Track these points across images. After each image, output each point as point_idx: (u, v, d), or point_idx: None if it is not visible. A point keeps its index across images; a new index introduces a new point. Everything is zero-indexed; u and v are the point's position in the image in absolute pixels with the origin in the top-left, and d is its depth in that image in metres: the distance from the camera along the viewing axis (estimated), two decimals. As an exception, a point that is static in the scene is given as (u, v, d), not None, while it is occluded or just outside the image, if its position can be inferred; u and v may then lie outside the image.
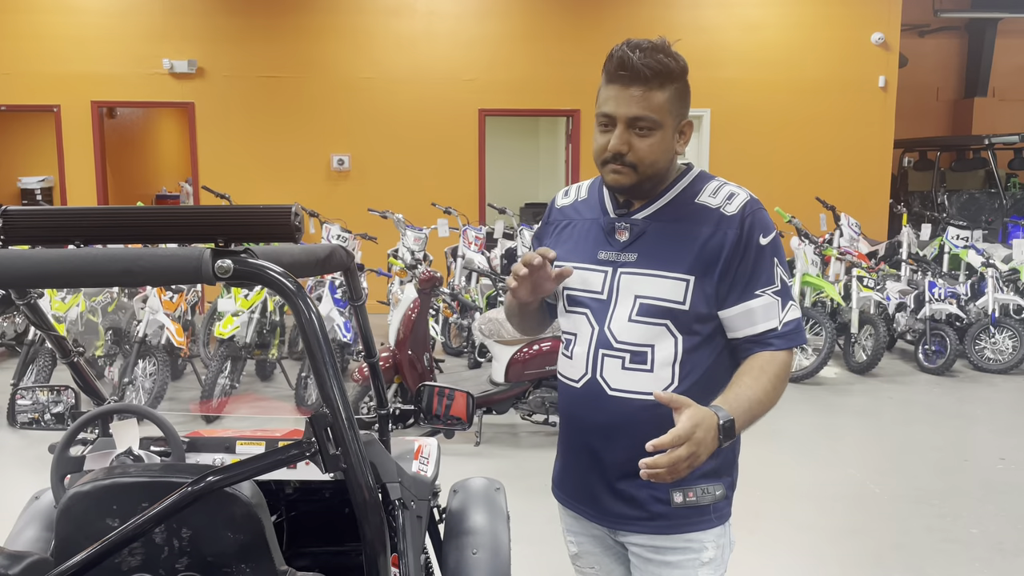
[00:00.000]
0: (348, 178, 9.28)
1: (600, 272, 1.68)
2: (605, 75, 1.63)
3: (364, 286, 5.93)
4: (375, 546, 1.33)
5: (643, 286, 1.63)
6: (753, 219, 1.62)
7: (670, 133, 1.63)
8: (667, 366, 1.63)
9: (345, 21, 9.08)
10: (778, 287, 1.64)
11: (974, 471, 4.77)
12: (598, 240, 1.71)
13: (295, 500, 2.20)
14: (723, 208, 1.63)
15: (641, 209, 1.68)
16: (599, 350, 1.67)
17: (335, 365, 1.25)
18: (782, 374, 1.63)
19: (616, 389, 1.65)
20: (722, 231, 1.61)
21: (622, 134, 1.60)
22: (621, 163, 1.61)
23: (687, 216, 1.65)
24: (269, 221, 1.23)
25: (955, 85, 13.31)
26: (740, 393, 1.55)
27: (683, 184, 1.69)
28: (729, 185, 1.67)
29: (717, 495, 1.67)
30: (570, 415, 1.77)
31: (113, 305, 6.14)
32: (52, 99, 8.84)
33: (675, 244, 1.63)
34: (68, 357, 2.03)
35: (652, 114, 1.58)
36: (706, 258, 1.61)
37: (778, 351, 1.62)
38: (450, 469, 2.79)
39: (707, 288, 1.61)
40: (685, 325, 1.62)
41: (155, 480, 1.45)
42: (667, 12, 9.34)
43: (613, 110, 1.61)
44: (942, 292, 6.93)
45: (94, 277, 1.19)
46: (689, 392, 1.55)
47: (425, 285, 5.02)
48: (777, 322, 1.63)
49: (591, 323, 1.69)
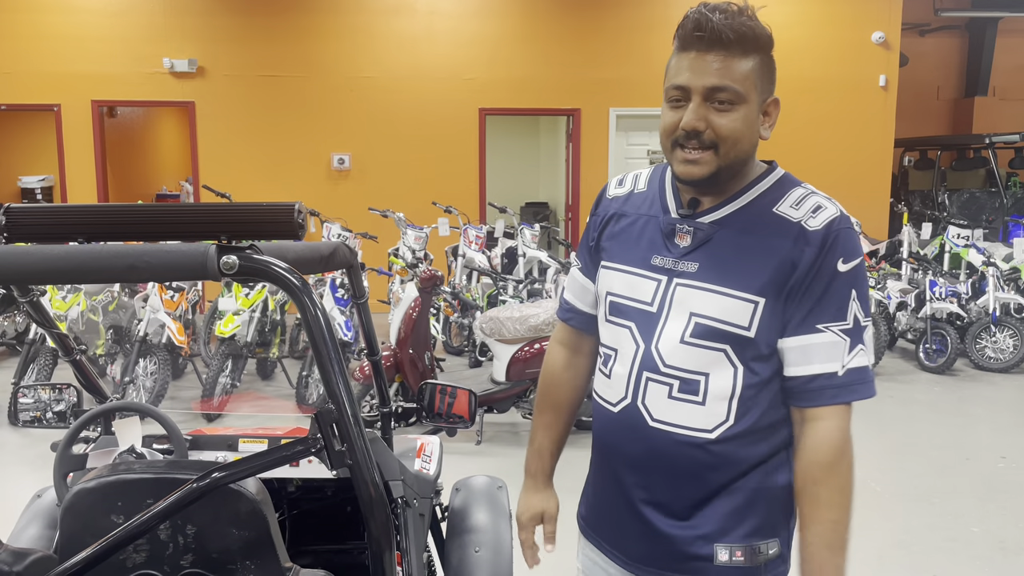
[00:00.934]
0: (349, 177, 9.28)
1: (652, 280, 1.44)
2: (678, 41, 1.39)
3: (365, 285, 5.92)
4: (381, 543, 1.33)
5: (702, 303, 1.38)
6: (837, 239, 1.35)
7: (755, 111, 1.37)
8: (722, 400, 1.39)
9: (346, 20, 9.07)
10: (849, 325, 1.35)
11: (975, 470, 4.77)
12: (654, 242, 1.46)
13: (297, 498, 2.20)
14: (805, 221, 1.36)
15: (710, 211, 1.42)
16: (643, 372, 1.43)
17: (341, 361, 1.25)
18: (841, 455, 1.35)
19: (658, 420, 1.42)
20: (799, 248, 1.35)
21: (698, 108, 1.34)
22: (697, 144, 1.35)
23: (762, 226, 1.38)
24: (272, 218, 1.23)
25: (956, 84, 13.30)
26: (808, 548, 1.36)
27: (762, 187, 1.42)
28: (817, 195, 1.40)
29: (771, 554, 1.43)
30: (603, 442, 1.56)
31: (114, 304, 6.14)
32: (52, 98, 8.83)
33: (745, 257, 1.37)
34: (71, 355, 2.03)
35: (734, 84, 1.33)
36: (780, 279, 1.36)
37: (829, 407, 1.35)
38: (451, 467, 2.79)
39: (778, 314, 1.37)
40: (747, 355, 1.38)
41: (160, 477, 1.45)
42: (667, 11, 9.33)
43: (687, 80, 1.35)
44: (943, 291, 6.93)
45: (99, 273, 1.19)
46: (745, 435, 1.39)
47: (426, 284, 5.02)
48: (839, 366, 1.35)
49: (635, 339, 1.45)
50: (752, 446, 1.40)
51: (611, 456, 1.53)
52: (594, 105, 9.49)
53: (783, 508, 1.45)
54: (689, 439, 1.40)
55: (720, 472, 1.41)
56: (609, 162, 9.66)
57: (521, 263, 7.71)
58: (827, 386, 1.35)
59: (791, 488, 1.42)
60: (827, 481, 1.35)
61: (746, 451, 1.40)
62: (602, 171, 9.65)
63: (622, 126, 9.67)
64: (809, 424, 1.38)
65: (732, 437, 1.39)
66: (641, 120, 9.63)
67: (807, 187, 1.43)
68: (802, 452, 1.38)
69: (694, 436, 1.40)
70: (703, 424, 1.39)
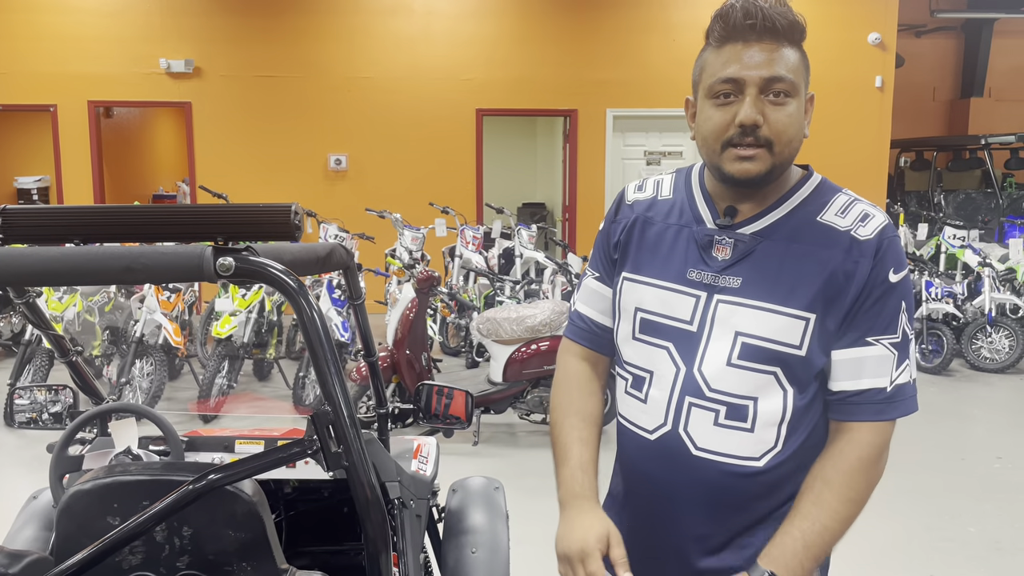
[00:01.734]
0: (345, 178, 9.27)
1: (690, 296, 1.34)
2: (720, 33, 1.28)
3: (362, 286, 5.93)
4: (377, 544, 1.33)
5: (748, 321, 1.29)
6: (888, 249, 1.28)
7: (803, 106, 1.29)
8: (772, 426, 1.30)
9: (343, 21, 9.07)
10: (898, 338, 1.29)
11: (971, 470, 4.78)
12: (688, 254, 1.35)
13: (294, 500, 2.20)
14: (855, 231, 1.28)
15: (749, 221, 1.33)
16: (685, 397, 1.33)
17: (337, 363, 1.24)
18: (864, 470, 1.29)
19: (703, 449, 1.32)
20: (853, 260, 1.27)
21: (755, 101, 1.24)
22: (754, 141, 1.25)
23: (808, 236, 1.30)
24: (269, 219, 1.23)
25: (951, 85, 13.34)
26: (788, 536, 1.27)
27: (803, 194, 1.33)
28: (861, 202, 1.32)
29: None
30: (634, 472, 1.43)
31: (110, 305, 6.13)
32: (49, 99, 8.82)
33: (793, 271, 1.28)
34: (67, 356, 2.02)
35: (790, 74, 1.25)
36: (831, 292, 1.27)
37: (870, 424, 1.29)
38: (448, 468, 2.79)
39: (829, 330, 1.28)
40: (797, 375, 1.29)
41: (156, 478, 1.45)
42: (664, 12, 9.35)
43: (738, 72, 1.24)
44: (939, 291, 6.95)
45: (95, 274, 1.19)
46: (790, 460, 1.31)
47: (423, 285, 5.02)
48: (887, 381, 1.28)
49: (675, 361, 1.35)
50: (797, 471, 1.32)
51: (643, 487, 1.41)
52: (591, 106, 9.50)
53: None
54: (737, 468, 1.31)
55: (765, 501, 1.33)
56: (606, 163, 9.67)
57: (518, 264, 7.72)
58: (874, 401, 1.29)
59: None
60: (838, 488, 1.28)
61: (791, 476, 1.33)
62: (599, 172, 9.66)
63: (619, 127, 9.68)
64: (844, 434, 1.31)
65: (779, 464, 1.32)
66: (638, 121, 9.63)
67: (849, 193, 1.35)
68: (826, 452, 1.32)
69: (743, 465, 1.31)
70: (751, 452, 1.30)
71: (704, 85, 1.30)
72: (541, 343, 4.92)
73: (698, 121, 1.33)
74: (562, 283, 6.80)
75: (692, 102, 1.37)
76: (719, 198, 1.37)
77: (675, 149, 9.79)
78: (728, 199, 1.35)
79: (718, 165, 1.31)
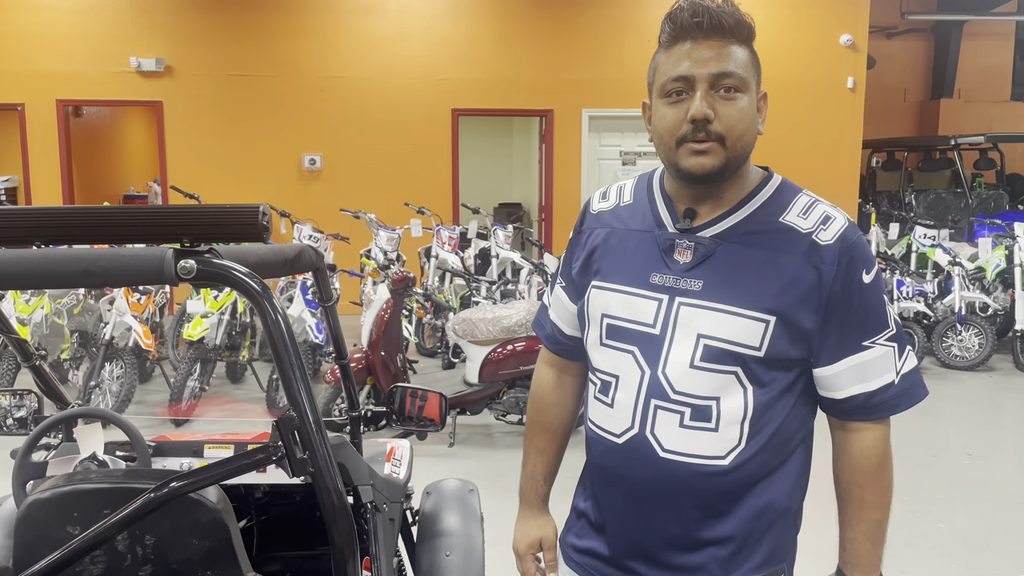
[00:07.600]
0: (320, 178, 9.21)
1: (652, 300, 1.35)
2: (669, 34, 1.32)
3: (336, 287, 5.90)
4: (344, 551, 1.31)
5: (709, 323, 1.31)
6: (853, 252, 1.30)
7: (754, 102, 1.33)
8: (734, 424, 1.33)
9: (316, 20, 9.01)
10: (892, 331, 1.33)
11: (942, 467, 4.84)
12: (651, 258, 1.37)
13: (265, 504, 2.17)
14: (816, 235, 1.30)
15: (710, 224, 1.35)
16: (651, 400, 1.35)
17: (303, 368, 1.23)
18: (886, 461, 1.37)
19: (669, 450, 1.34)
20: (814, 265, 1.29)
21: (706, 96, 1.28)
22: (705, 135, 1.28)
23: (769, 238, 1.32)
24: (236, 220, 1.20)
25: (922, 86, 13.52)
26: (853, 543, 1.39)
27: (764, 196, 1.36)
28: (822, 203, 1.35)
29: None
30: (604, 475, 1.45)
31: (79, 307, 6.03)
32: (16, 97, 8.67)
33: (754, 273, 1.30)
34: (30, 360, 1.98)
35: (739, 70, 1.29)
36: (794, 297, 1.29)
37: (877, 423, 1.35)
38: (423, 470, 2.78)
39: (792, 332, 1.30)
40: (756, 374, 1.32)
41: (117, 486, 1.42)
42: (639, 11, 9.38)
43: (689, 70, 1.28)
44: (910, 290, 7.04)
45: (52, 278, 1.16)
46: (755, 457, 1.34)
47: (398, 285, 4.99)
48: (894, 374, 1.33)
49: (639, 365, 1.36)
50: (763, 467, 1.35)
51: (614, 490, 1.43)
52: (567, 106, 9.51)
53: (793, 525, 1.45)
54: (704, 468, 1.33)
55: (733, 499, 1.36)
56: (582, 163, 9.68)
57: (494, 264, 7.70)
58: (886, 398, 1.34)
59: (800, 505, 1.44)
60: (873, 487, 1.36)
61: (759, 473, 1.36)
62: (575, 172, 9.67)
63: (595, 127, 9.70)
64: (854, 434, 1.37)
65: (745, 461, 1.34)
66: (614, 121, 9.66)
67: (810, 194, 1.38)
68: (847, 459, 1.38)
69: (709, 465, 1.33)
70: (717, 451, 1.33)
71: (657, 85, 1.34)
72: (517, 344, 4.92)
73: (653, 121, 1.36)
74: (538, 283, 6.80)
75: (648, 105, 1.39)
76: (679, 200, 1.39)
77: (650, 149, 9.78)
78: (687, 200, 1.37)
79: (674, 162, 1.33)
